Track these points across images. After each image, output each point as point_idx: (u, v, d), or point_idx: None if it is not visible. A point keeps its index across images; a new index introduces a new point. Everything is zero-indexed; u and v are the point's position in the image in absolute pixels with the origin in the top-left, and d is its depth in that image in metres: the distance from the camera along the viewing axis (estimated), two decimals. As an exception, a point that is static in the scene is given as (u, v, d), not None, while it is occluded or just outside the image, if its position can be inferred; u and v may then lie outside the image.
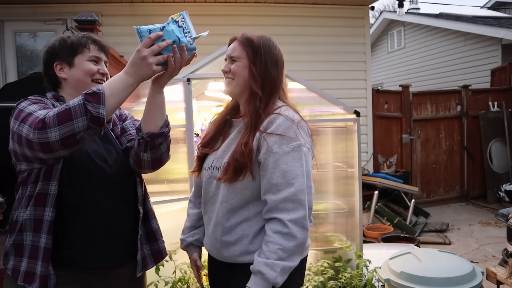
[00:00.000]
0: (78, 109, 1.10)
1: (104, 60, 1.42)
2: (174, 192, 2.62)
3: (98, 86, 1.16)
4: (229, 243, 1.34)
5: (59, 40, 1.39)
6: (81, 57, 1.37)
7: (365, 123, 5.91)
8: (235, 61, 1.39)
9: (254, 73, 1.36)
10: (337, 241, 3.07)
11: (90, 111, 1.10)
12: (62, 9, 5.17)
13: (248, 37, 1.40)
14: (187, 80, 2.63)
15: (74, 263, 1.28)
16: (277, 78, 1.40)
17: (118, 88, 1.17)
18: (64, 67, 1.37)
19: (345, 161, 3.06)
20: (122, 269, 1.39)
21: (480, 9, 12.11)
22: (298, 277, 1.38)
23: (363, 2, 5.83)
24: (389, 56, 10.86)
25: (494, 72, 7.43)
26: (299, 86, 2.91)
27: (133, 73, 1.19)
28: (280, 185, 1.26)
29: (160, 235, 1.52)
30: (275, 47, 1.42)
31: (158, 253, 1.50)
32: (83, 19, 2.86)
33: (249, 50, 1.38)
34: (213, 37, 6.25)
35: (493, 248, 4.47)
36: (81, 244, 1.28)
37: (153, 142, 1.34)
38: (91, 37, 1.40)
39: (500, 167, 6.58)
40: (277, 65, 1.40)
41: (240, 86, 1.39)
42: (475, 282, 2.16)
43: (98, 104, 1.11)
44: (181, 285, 2.48)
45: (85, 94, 1.12)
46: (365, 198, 3.62)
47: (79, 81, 1.36)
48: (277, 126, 1.29)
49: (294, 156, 1.27)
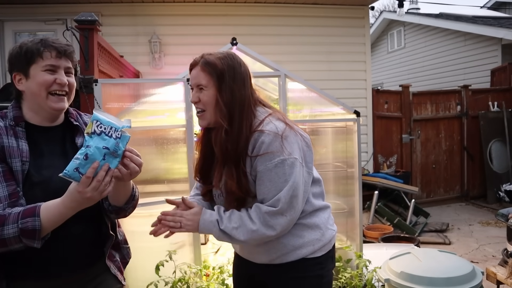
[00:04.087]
0: (13, 240, 1.11)
1: (64, 66, 1.26)
2: (174, 192, 2.62)
3: (35, 221, 1.10)
4: (264, 249, 1.41)
5: (17, 47, 1.25)
6: (36, 67, 1.22)
7: (365, 123, 5.91)
8: (203, 90, 1.34)
9: (220, 104, 1.31)
10: (337, 241, 3.07)
11: (24, 243, 1.12)
12: (62, 9, 5.18)
13: (210, 62, 1.32)
14: (187, 80, 2.63)
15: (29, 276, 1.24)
16: (246, 97, 1.35)
17: (56, 221, 1.14)
18: (22, 78, 1.24)
19: (345, 161, 3.06)
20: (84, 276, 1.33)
21: (480, 9, 12.11)
22: (330, 263, 1.50)
23: (363, 2, 5.83)
24: (389, 56, 10.86)
25: (494, 72, 7.43)
26: (299, 86, 2.91)
27: (77, 208, 1.14)
28: (266, 199, 1.31)
29: (125, 243, 1.48)
30: (240, 64, 1.36)
31: (123, 259, 1.47)
32: (83, 19, 2.86)
33: (214, 76, 1.32)
34: (213, 37, 6.29)
35: (493, 248, 4.47)
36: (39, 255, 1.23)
37: (117, 213, 1.35)
38: (47, 42, 1.24)
39: (500, 167, 6.58)
40: (244, 84, 1.35)
41: (214, 116, 1.34)
42: (475, 282, 2.16)
43: (33, 240, 1.12)
44: (181, 285, 2.48)
45: (21, 230, 1.10)
46: (365, 198, 3.62)
47: (34, 94, 1.23)
48: (259, 145, 1.29)
49: (277, 172, 1.29)
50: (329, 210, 1.52)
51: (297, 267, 1.40)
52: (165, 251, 2.47)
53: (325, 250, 1.45)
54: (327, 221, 1.48)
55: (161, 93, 2.75)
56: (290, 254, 1.39)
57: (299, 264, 1.40)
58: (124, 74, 4.28)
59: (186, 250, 2.71)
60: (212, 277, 2.65)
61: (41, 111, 1.28)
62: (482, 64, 7.87)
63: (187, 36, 5.38)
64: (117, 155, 1.13)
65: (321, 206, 1.48)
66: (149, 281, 2.41)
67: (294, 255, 1.39)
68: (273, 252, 1.40)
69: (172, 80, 2.80)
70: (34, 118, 1.29)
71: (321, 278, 1.43)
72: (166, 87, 2.77)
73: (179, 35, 5.39)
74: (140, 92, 2.68)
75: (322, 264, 1.44)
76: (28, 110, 1.28)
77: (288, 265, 1.40)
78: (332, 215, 1.56)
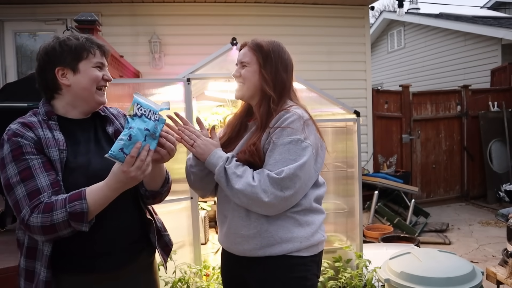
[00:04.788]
0: (62, 224, 1.15)
1: (106, 65, 1.37)
2: (174, 192, 2.60)
3: (83, 204, 1.14)
4: (249, 236, 1.38)
5: (59, 42, 1.29)
6: (87, 63, 1.30)
7: (365, 123, 5.91)
8: (246, 66, 1.45)
9: (266, 77, 1.42)
10: (337, 241, 3.07)
11: (73, 227, 1.16)
12: (62, 9, 5.17)
13: (258, 43, 1.46)
14: (187, 80, 2.63)
15: (85, 270, 1.27)
16: (286, 81, 1.47)
17: (101, 204, 1.18)
18: (67, 73, 1.29)
19: (345, 161, 3.06)
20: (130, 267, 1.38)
21: (480, 9, 12.11)
22: (316, 270, 1.46)
23: (363, 2, 5.83)
24: (389, 56, 10.86)
25: (494, 72, 7.43)
26: (299, 86, 2.91)
27: (121, 189, 1.19)
28: (271, 170, 1.32)
29: (164, 230, 1.52)
30: (285, 52, 1.49)
31: (165, 247, 1.51)
32: (83, 19, 2.86)
33: (259, 55, 1.44)
34: (213, 37, 6.28)
35: (493, 248, 4.47)
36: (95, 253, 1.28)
37: (154, 197, 1.40)
38: (95, 41, 1.33)
39: (500, 167, 6.58)
40: (286, 69, 1.47)
41: (251, 90, 1.45)
42: (475, 282, 2.16)
43: (82, 223, 1.16)
44: (181, 285, 2.48)
45: (70, 213, 1.14)
46: (365, 198, 3.62)
47: (85, 89, 1.30)
48: (283, 120, 1.35)
49: (289, 148, 1.32)
50: (324, 217, 1.49)
51: (281, 265, 1.38)
52: (165, 251, 2.47)
53: (311, 252, 1.42)
54: (319, 226, 1.45)
55: (161, 93, 2.75)
56: (275, 246, 1.36)
57: (283, 262, 1.37)
58: (124, 74, 4.28)
59: (186, 250, 2.71)
60: (212, 277, 2.65)
61: (82, 105, 1.33)
62: (482, 64, 7.88)
63: (187, 36, 5.38)
64: (155, 137, 1.19)
65: (318, 209, 1.46)
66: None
67: (278, 248, 1.36)
68: (258, 240, 1.37)
69: (172, 80, 2.80)
70: (70, 112, 1.33)
71: (305, 280, 1.40)
72: (166, 87, 2.77)
73: (179, 35, 5.39)
74: (140, 92, 2.67)
75: (307, 265, 1.41)
76: (65, 104, 1.32)
77: (272, 262, 1.37)
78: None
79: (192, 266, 2.57)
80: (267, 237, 1.36)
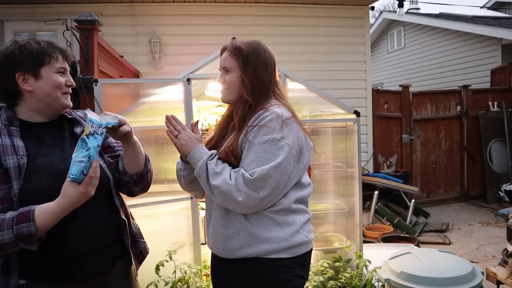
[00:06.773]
0: (9, 245, 1.12)
1: (68, 69, 1.33)
2: (174, 192, 2.62)
3: (30, 226, 1.11)
4: (228, 235, 1.38)
5: (18, 46, 1.23)
6: (49, 68, 1.25)
7: (365, 123, 5.91)
8: (229, 71, 1.47)
9: (245, 82, 1.44)
10: (337, 241, 3.07)
11: (20, 247, 1.14)
12: (62, 9, 5.18)
13: (237, 46, 1.46)
14: (187, 80, 2.63)
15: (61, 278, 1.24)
16: (267, 81, 1.47)
17: (51, 224, 1.15)
18: (28, 78, 1.23)
19: (345, 161, 3.06)
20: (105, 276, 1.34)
21: (480, 9, 12.11)
22: (301, 271, 1.42)
23: (363, 2, 5.83)
24: (389, 56, 10.86)
25: (494, 72, 7.43)
26: (299, 86, 2.91)
27: (74, 207, 1.16)
28: (245, 170, 1.33)
29: (140, 237, 1.50)
30: (265, 51, 1.49)
31: (139, 255, 1.48)
32: (83, 19, 2.86)
33: (239, 59, 1.45)
34: (213, 37, 6.28)
35: (493, 248, 4.47)
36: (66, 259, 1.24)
37: (142, 178, 1.41)
38: (57, 45, 1.29)
39: (500, 167, 6.58)
40: (266, 68, 1.47)
41: (235, 94, 1.47)
42: (475, 282, 2.16)
43: (30, 244, 1.13)
44: (181, 285, 2.48)
45: (17, 235, 1.11)
46: (365, 198, 3.62)
47: (48, 95, 1.26)
48: (260, 119, 1.36)
49: (265, 147, 1.32)
50: (308, 217, 1.46)
51: (262, 267, 1.36)
52: (165, 251, 2.47)
53: (292, 253, 1.38)
54: (302, 226, 1.41)
55: (161, 93, 2.75)
56: (252, 246, 1.35)
57: (263, 264, 1.35)
58: (124, 74, 4.28)
59: (186, 250, 2.71)
60: (212, 277, 2.65)
61: (46, 110, 1.30)
62: (482, 64, 7.88)
63: (187, 36, 5.39)
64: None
65: (300, 209, 1.43)
66: (149, 281, 2.41)
67: (256, 249, 1.34)
68: (237, 239, 1.36)
69: (172, 80, 2.80)
70: (34, 117, 1.30)
71: (286, 282, 1.37)
72: (166, 87, 2.77)
73: (179, 35, 5.40)
74: (140, 92, 2.68)
75: (288, 267, 1.37)
76: (28, 110, 1.28)
77: (252, 264, 1.36)
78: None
79: (192, 266, 2.57)
80: (245, 236, 1.36)
